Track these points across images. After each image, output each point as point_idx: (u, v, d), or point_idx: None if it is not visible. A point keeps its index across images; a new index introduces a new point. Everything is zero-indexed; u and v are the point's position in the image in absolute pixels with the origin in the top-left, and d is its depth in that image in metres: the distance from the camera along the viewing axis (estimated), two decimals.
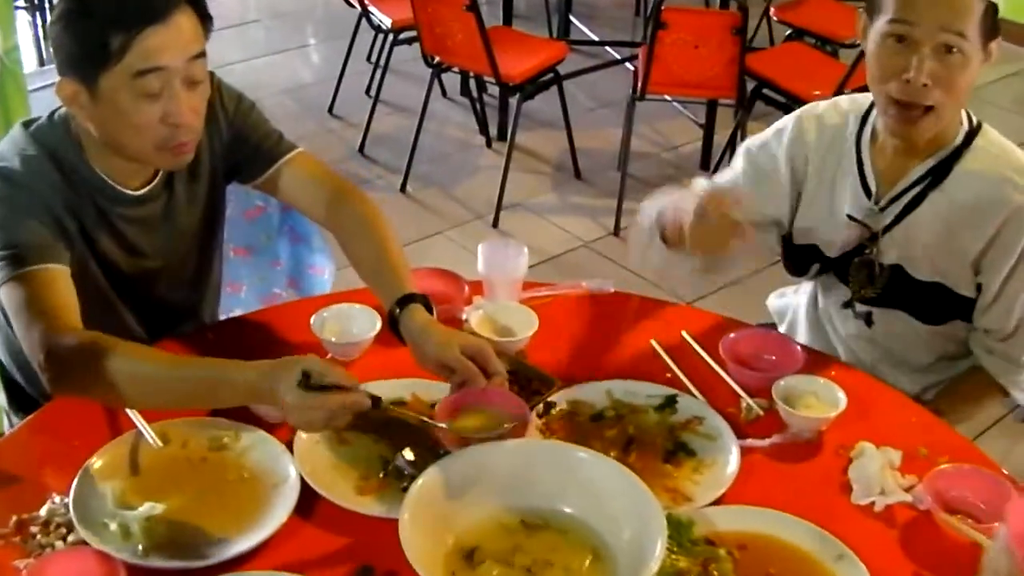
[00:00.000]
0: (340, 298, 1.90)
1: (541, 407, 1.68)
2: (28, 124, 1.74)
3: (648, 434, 1.65)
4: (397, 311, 1.66)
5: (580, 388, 1.74)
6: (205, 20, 1.66)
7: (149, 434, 1.58)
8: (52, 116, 1.74)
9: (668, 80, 3.93)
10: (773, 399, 1.68)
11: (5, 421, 2.12)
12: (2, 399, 2.06)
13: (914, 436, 1.67)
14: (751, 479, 1.58)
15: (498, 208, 4.13)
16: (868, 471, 1.57)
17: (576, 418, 1.68)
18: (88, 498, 1.47)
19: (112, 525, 1.44)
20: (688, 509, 1.50)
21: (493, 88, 4.55)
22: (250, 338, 1.87)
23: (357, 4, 4.65)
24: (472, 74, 4.55)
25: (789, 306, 2.25)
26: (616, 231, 4.07)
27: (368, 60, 5.04)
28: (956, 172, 1.83)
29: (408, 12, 4.12)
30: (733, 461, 1.59)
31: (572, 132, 4.39)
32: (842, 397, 1.68)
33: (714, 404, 1.71)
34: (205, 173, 1.87)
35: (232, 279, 2.25)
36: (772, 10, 4.79)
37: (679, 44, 3.79)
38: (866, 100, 1.89)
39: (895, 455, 1.62)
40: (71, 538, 1.44)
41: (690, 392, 1.75)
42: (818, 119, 1.94)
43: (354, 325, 1.81)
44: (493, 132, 4.70)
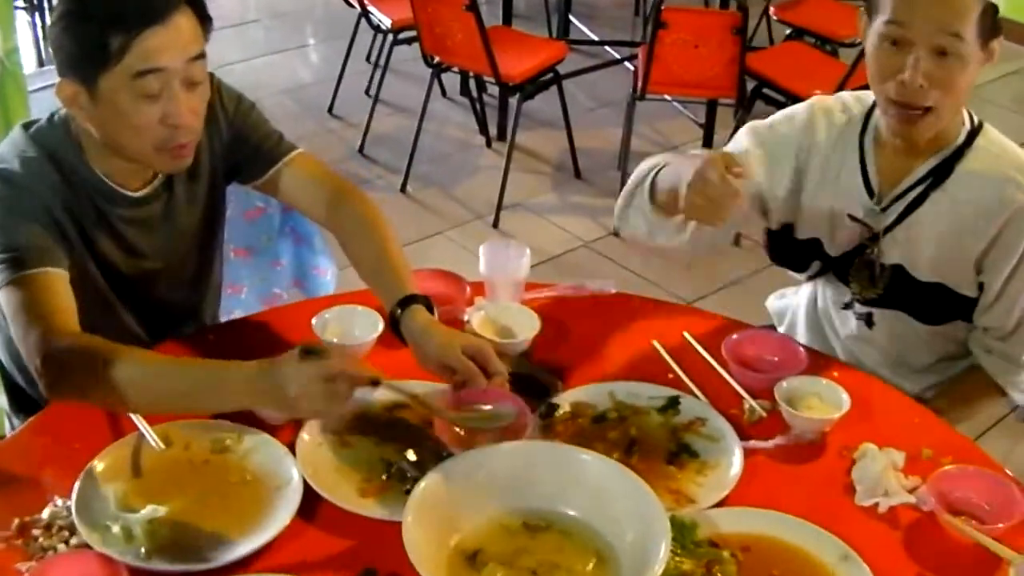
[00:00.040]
0: (342, 299, 1.89)
1: (543, 409, 1.68)
2: (28, 126, 1.74)
3: (651, 436, 1.65)
4: (398, 312, 1.66)
5: (582, 390, 1.73)
6: (205, 21, 1.65)
7: (151, 436, 1.57)
8: (52, 118, 1.74)
9: (668, 80, 3.92)
10: (776, 400, 1.68)
11: (6, 423, 2.11)
12: (3, 401, 2.06)
13: (918, 437, 1.67)
14: (754, 481, 1.58)
15: (498, 208, 4.13)
16: (871, 472, 1.57)
17: (578, 420, 1.68)
18: (90, 500, 1.47)
19: (114, 528, 1.43)
20: (691, 511, 1.49)
21: (493, 88, 4.54)
22: (251, 339, 1.86)
23: (356, 4, 4.65)
24: (472, 74, 4.54)
25: (788, 307, 2.24)
26: (616, 231, 4.06)
27: (368, 60, 5.04)
28: (958, 172, 1.83)
29: (408, 12, 4.11)
30: (736, 463, 1.59)
31: (572, 132, 4.39)
32: (845, 398, 1.67)
33: (717, 405, 1.71)
34: (205, 174, 1.87)
35: (233, 280, 2.25)
36: (772, 9, 4.79)
37: (679, 44, 3.79)
38: (870, 98, 1.89)
39: (899, 456, 1.61)
40: (73, 541, 1.43)
41: (693, 393, 1.74)
42: (827, 114, 1.93)
43: (356, 327, 1.80)
44: (493, 132, 4.69)
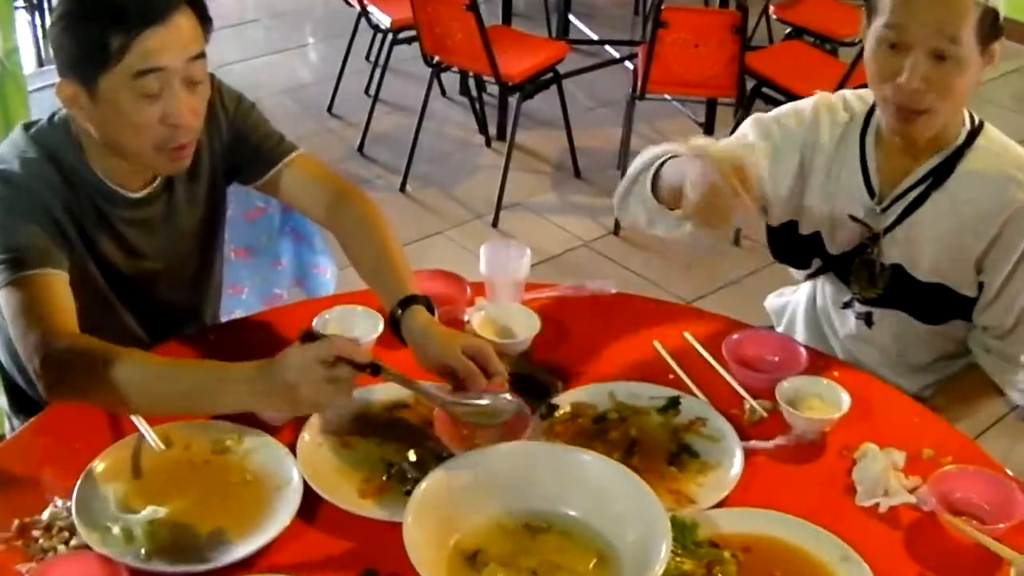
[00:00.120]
0: (342, 300, 1.89)
1: (544, 409, 1.67)
2: (28, 126, 1.74)
3: (651, 436, 1.64)
4: (399, 312, 1.66)
5: (583, 390, 1.73)
6: (205, 21, 1.65)
7: (151, 437, 1.57)
8: (52, 118, 1.74)
9: (668, 79, 3.92)
10: (776, 400, 1.68)
11: (6, 424, 2.11)
12: (3, 401, 2.06)
13: (918, 437, 1.67)
14: (755, 481, 1.57)
15: (498, 208, 4.12)
16: (872, 472, 1.57)
17: (579, 420, 1.67)
18: (90, 501, 1.47)
19: (115, 528, 1.43)
20: (692, 511, 1.49)
21: (492, 87, 4.54)
22: (252, 339, 1.86)
23: (356, 3, 4.64)
24: (471, 73, 4.54)
25: (787, 306, 2.24)
26: (616, 231, 4.07)
27: (367, 59, 5.04)
28: (958, 172, 1.83)
29: (407, 11, 4.11)
30: (737, 463, 1.58)
31: (572, 131, 4.39)
32: (846, 398, 1.67)
33: (717, 406, 1.71)
34: (205, 174, 1.87)
35: (233, 281, 2.25)
36: (771, 8, 4.78)
37: (679, 43, 3.79)
38: (872, 97, 1.88)
39: (899, 456, 1.61)
40: (73, 542, 1.43)
41: (693, 394, 1.74)
42: (831, 112, 1.92)
43: (356, 327, 1.80)
44: (493, 131, 4.69)
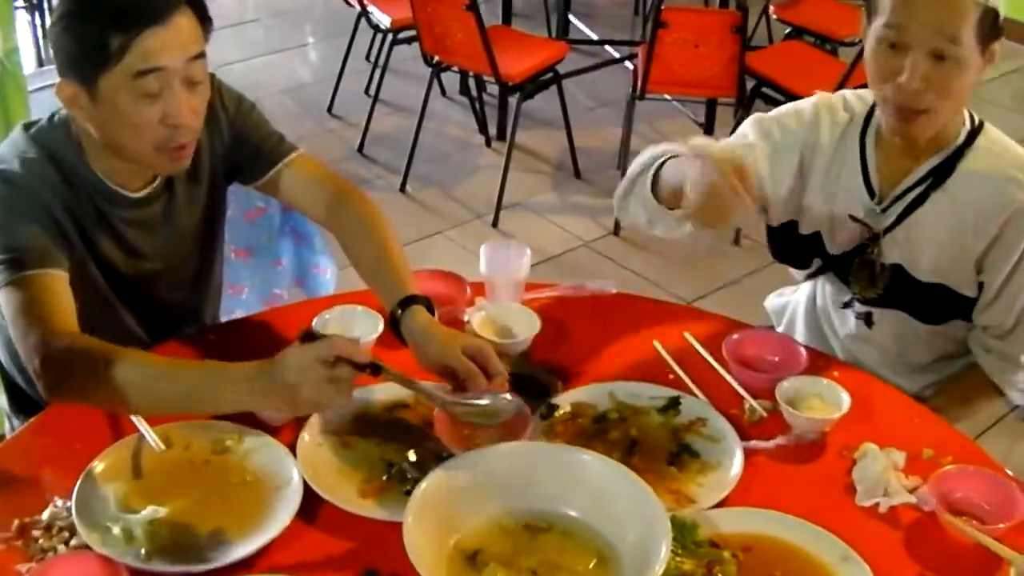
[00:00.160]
0: (342, 300, 1.89)
1: (544, 409, 1.67)
2: (28, 126, 1.74)
3: (651, 436, 1.64)
4: (399, 312, 1.66)
5: (583, 390, 1.73)
6: (205, 21, 1.65)
7: (151, 437, 1.57)
8: (52, 118, 1.74)
9: (668, 79, 3.92)
10: (776, 400, 1.68)
11: (6, 424, 2.11)
12: (3, 401, 2.06)
13: (918, 437, 1.67)
14: (755, 481, 1.57)
15: (498, 208, 4.12)
16: (872, 472, 1.57)
17: (579, 420, 1.67)
18: (90, 501, 1.47)
19: (115, 529, 1.43)
20: (692, 511, 1.49)
21: (492, 87, 4.54)
22: (252, 339, 1.86)
23: (356, 3, 4.64)
24: (471, 73, 4.54)
25: (787, 305, 2.24)
26: (616, 231, 4.07)
27: (367, 59, 5.04)
28: (959, 172, 1.83)
29: (407, 11, 4.11)
30: (737, 463, 1.58)
31: (572, 131, 4.38)
32: (846, 398, 1.67)
33: (717, 406, 1.71)
34: (206, 174, 1.87)
35: (233, 281, 2.25)
36: (771, 8, 4.78)
37: (679, 43, 3.79)
38: (872, 98, 1.88)
39: (899, 456, 1.61)
40: (73, 542, 1.43)
41: (693, 394, 1.74)
42: (831, 113, 1.92)
43: (356, 327, 1.80)
44: (492, 131, 4.69)
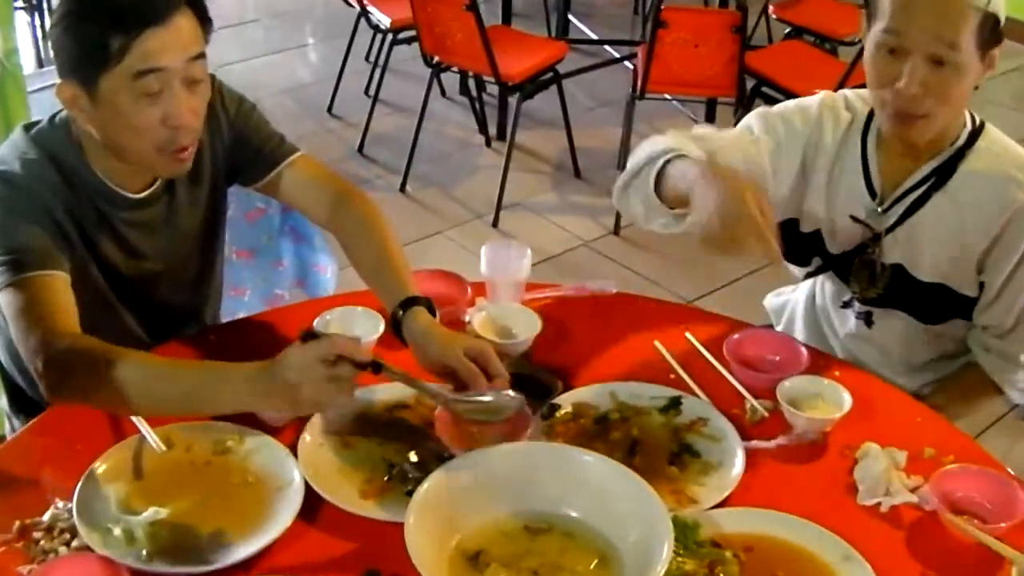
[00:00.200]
0: (343, 300, 1.89)
1: (545, 410, 1.67)
2: (29, 127, 1.74)
3: (653, 436, 1.64)
4: (400, 313, 1.66)
5: (584, 390, 1.73)
6: (205, 22, 1.65)
7: (152, 438, 1.57)
8: (53, 119, 1.74)
9: (668, 79, 3.92)
10: (778, 400, 1.68)
11: (7, 424, 2.11)
12: (3, 402, 2.06)
13: (919, 436, 1.67)
14: (756, 481, 1.57)
15: (498, 208, 4.12)
16: (874, 472, 1.57)
17: (580, 420, 1.67)
18: (92, 503, 1.47)
19: (116, 530, 1.43)
20: (694, 511, 1.49)
21: (492, 87, 4.53)
22: (253, 340, 1.86)
23: (356, 3, 4.64)
24: (471, 73, 4.54)
25: (786, 304, 2.24)
26: (616, 230, 4.07)
27: (367, 60, 5.04)
28: (960, 172, 1.83)
29: (407, 11, 4.11)
30: (738, 463, 1.58)
31: (572, 131, 4.39)
32: (847, 398, 1.67)
33: (718, 406, 1.71)
34: (206, 175, 1.87)
35: (235, 283, 2.25)
36: (771, 8, 4.78)
37: (679, 43, 3.79)
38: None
39: (900, 456, 1.61)
40: (75, 543, 1.43)
41: (694, 394, 1.74)
42: (834, 113, 1.92)
43: (357, 327, 1.80)
44: (492, 131, 4.69)
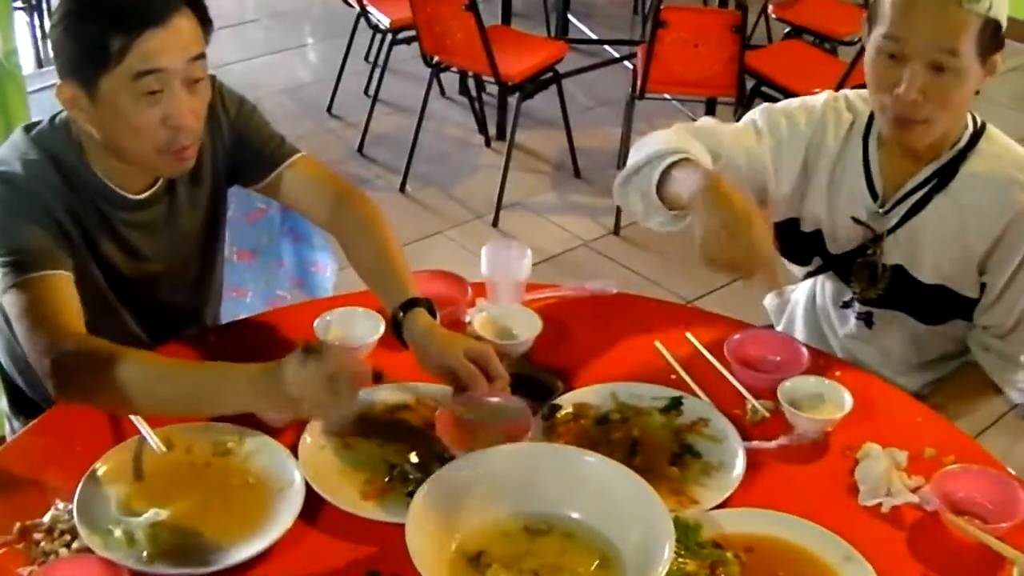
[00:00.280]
0: (343, 301, 1.89)
1: (545, 410, 1.67)
2: (29, 128, 1.73)
3: (653, 436, 1.64)
4: (400, 315, 1.66)
5: (584, 391, 1.73)
6: (205, 23, 1.65)
7: (153, 439, 1.57)
8: (53, 120, 1.74)
9: (667, 79, 3.92)
10: (778, 401, 1.68)
11: (7, 426, 2.11)
12: (3, 403, 2.06)
13: (920, 437, 1.66)
14: (757, 481, 1.57)
15: (498, 207, 4.12)
16: (874, 472, 1.57)
17: (581, 421, 1.67)
18: (92, 504, 1.47)
19: (116, 531, 1.43)
20: (695, 512, 1.49)
21: (492, 87, 4.54)
22: (253, 341, 1.86)
23: (355, 3, 4.64)
24: (471, 73, 4.54)
25: (787, 304, 2.24)
26: (616, 230, 4.07)
27: (367, 60, 5.04)
28: (961, 174, 1.82)
29: (406, 11, 4.11)
30: (739, 463, 1.58)
31: (571, 131, 4.39)
32: (848, 398, 1.67)
33: (719, 406, 1.71)
34: (207, 176, 1.87)
35: (237, 284, 2.24)
36: (771, 8, 4.78)
37: (679, 43, 3.79)
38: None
39: (901, 456, 1.61)
40: (75, 545, 1.43)
41: (695, 394, 1.74)
42: (836, 114, 1.91)
43: (357, 328, 1.80)
44: (492, 131, 4.69)
